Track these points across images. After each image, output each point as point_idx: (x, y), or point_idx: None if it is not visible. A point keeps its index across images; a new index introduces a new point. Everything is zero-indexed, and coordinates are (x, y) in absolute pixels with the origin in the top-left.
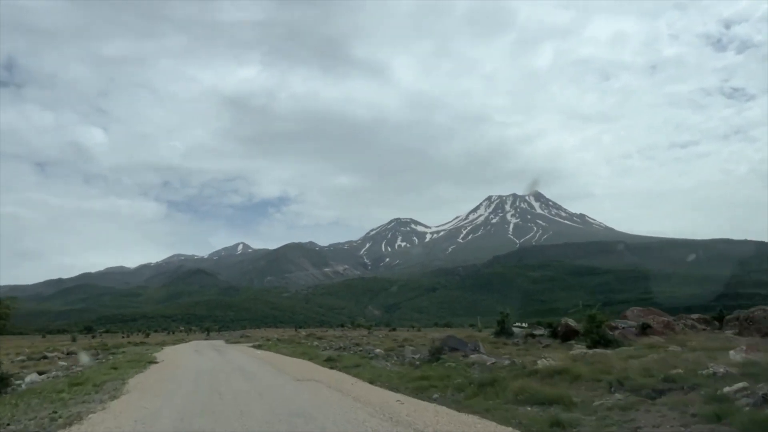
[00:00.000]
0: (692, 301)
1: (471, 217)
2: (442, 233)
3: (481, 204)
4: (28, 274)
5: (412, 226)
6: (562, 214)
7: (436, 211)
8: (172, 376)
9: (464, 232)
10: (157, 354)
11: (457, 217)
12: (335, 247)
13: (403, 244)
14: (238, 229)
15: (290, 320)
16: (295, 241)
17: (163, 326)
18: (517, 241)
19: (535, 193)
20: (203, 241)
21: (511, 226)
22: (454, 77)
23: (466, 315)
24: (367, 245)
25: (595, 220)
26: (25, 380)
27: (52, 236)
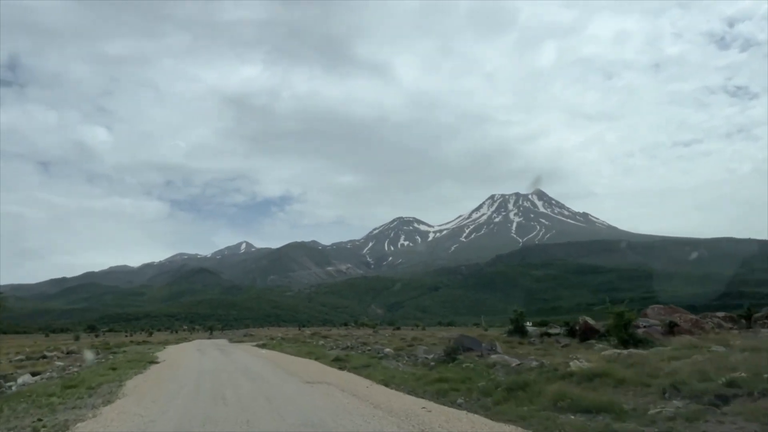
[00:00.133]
0: (695, 300)
1: (474, 216)
2: (444, 232)
3: (483, 203)
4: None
5: (415, 225)
6: (565, 213)
7: (439, 210)
8: (173, 378)
9: (467, 231)
10: (159, 353)
11: (459, 216)
12: (338, 246)
13: (406, 243)
14: (241, 229)
15: (293, 319)
16: (298, 240)
17: (167, 325)
18: (520, 240)
19: (538, 192)
20: (206, 240)
21: (514, 225)
22: (457, 76)
23: (469, 314)
24: (370, 244)
25: (598, 219)
26: (17, 382)
27: (55, 235)
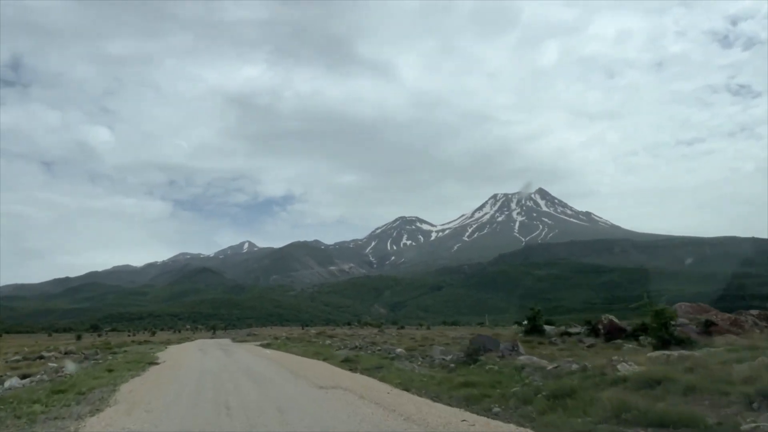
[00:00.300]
0: (697, 299)
1: (476, 216)
2: (447, 231)
3: (486, 202)
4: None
5: (418, 224)
6: (568, 212)
7: (442, 209)
8: (172, 381)
9: (470, 231)
10: (160, 353)
11: (462, 216)
12: (341, 246)
13: (409, 243)
14: (244, 228)
15: (296, 319)
16: (301, 240)
17: (169, 325)
18: (523, 240)
19: (540, 191)
20: (209, 240)
21: (517, 224)
22: (459, 75)
23: (471, 313)
24: (373, 244)
25: (601, 218)
26: (3, 386)
27: (58, 235)
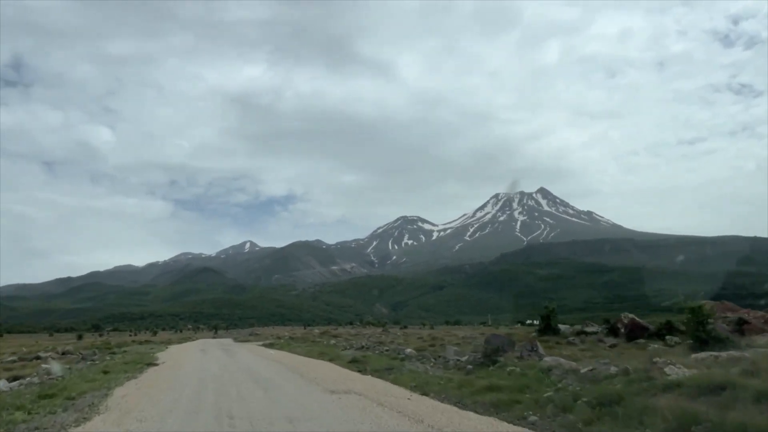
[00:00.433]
0: (697, 299)
1: (478, 215)
2: (449, 231)
3: (488, 202)
4: (36, 273)
5: (419, 224)
6: (570, 212)
7: (443, 208)
8: (170, 385)
9: (471, 230)
10: (160, 354)
11: (464, 215)
12: (342, 246)
13: (410, 242)
14: (245, 228)
15: (298, 318)
16: (302, 240)
17: (171, 324)
18: (525, 239)
19: (542, 191)
20: (210, 240)
21: (519, 223)
22: (460, 75)
23: (473, 313)
24: (374, 243)
25: (602, 218)
26: None
27: (60, 235)
